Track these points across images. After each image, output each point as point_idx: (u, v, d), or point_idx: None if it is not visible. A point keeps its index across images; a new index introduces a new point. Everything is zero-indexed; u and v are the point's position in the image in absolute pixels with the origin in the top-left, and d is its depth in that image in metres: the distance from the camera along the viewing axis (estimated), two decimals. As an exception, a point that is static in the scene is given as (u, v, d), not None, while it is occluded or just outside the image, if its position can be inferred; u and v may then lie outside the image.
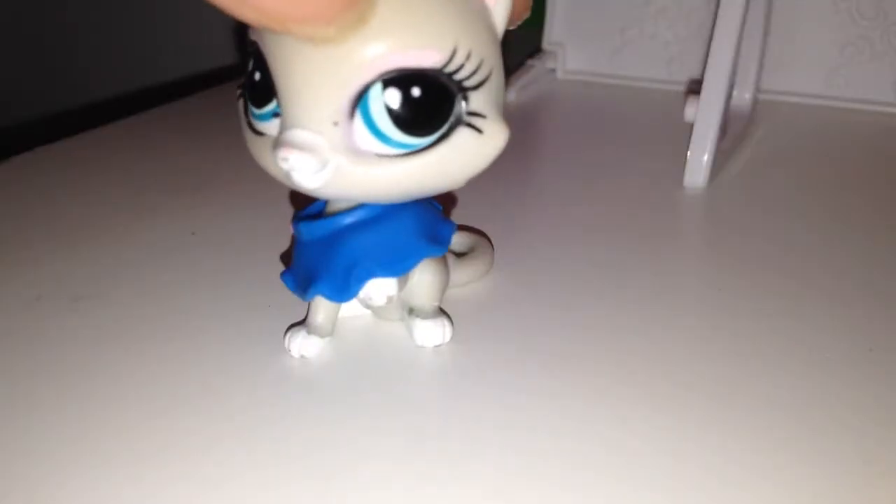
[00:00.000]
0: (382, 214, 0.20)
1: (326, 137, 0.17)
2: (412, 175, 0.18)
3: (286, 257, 0.27)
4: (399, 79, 0.16)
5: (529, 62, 0.47)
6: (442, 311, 0.22)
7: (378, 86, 0.16)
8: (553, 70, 0.48)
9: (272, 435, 0.19)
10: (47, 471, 0.18)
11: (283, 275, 0.22)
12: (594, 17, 0.47)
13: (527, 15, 0.19)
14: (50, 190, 0.33)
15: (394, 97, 0.17)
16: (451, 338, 0.22)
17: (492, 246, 0.26)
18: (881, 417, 0.19)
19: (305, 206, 0.22)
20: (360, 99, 0.17)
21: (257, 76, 0.18)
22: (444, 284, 0.22)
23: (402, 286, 0.21)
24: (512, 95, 0.45)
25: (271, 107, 0.18)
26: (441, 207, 0.23)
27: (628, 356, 0.22)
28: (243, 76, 0.19)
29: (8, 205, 0.32)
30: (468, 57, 0.17)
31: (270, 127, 0.18)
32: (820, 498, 0.17)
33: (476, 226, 0.28)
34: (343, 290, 0.20)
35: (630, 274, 0.26)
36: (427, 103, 0.17)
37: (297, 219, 0.21)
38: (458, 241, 0.27)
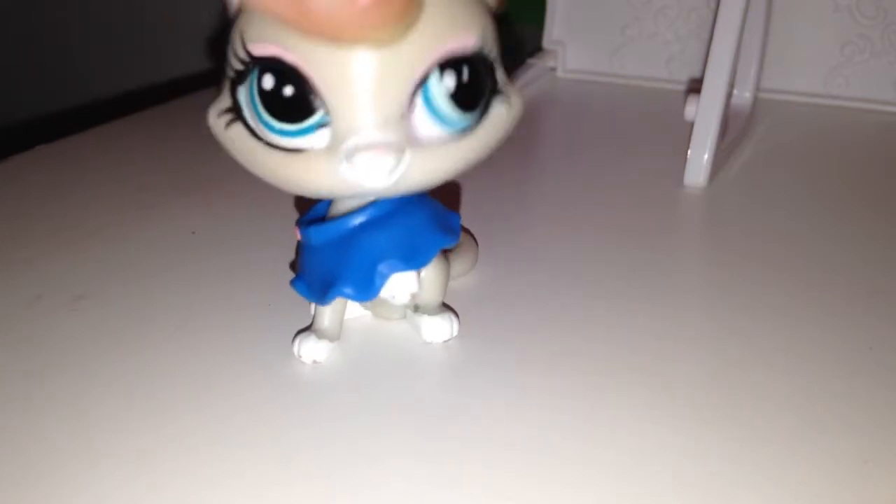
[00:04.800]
0: (396, 210, 0.20)
1: (397, 132, 0.17)
2: (464, 153, 0.19)
3: (294, 264, 0.26)
4: (452, 63, 0.18)
5: (530, 61, 0.47)
6: (447, 307, 0.23)
7: (436, 73, 0.17)
8: (553, 69, 0.48)
9: (269, 435, 0.19)
10: (47, 469, 0.18)
11: (293, 282, 0.22)
12: (594, 16, 0.47)
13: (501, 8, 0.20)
14: (50, 190, 0.33)
15: (451, 80, 0.18)
16: (458, 332, 0.22)
17: (475, 241, 0.27)
18: (881, 416, 0.19)
19: (304, 208, 0.22)
20: (420, 88, 0.17)
21: (287, 91, 0.17)
22: (447, 280, 0.23)
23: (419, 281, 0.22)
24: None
25: (316, 118, 0.17)
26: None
27: (629, 355, 0.22)
28: (226, 100, 0.18)
29: (8, 205, 0.32)
30: (490, 36, 0.18)
31: (313, 140, 0.18)
32: (820, 497, 0.17)
33: (476, 226, 0.28)
34: (367, 288, 0.20)
35: (630, 272, 0.26)
36: (475, 81, 0.18)
37: (302, 224, 0.21)
38: None
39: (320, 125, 0.17)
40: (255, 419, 0.19)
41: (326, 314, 0.22)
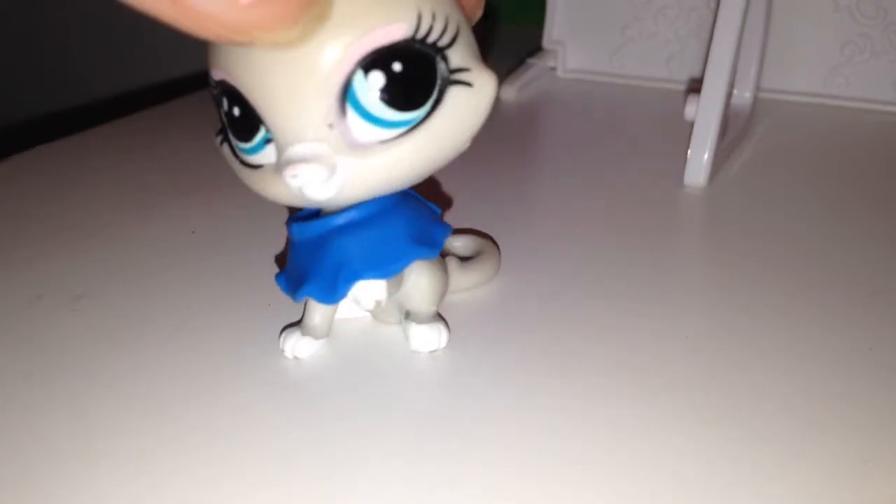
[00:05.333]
0: (373, 216, 0.20)
1: (327, 143, 0.17)
2: (420, 150, 0.17)
3: (281, 259, 0.27)
4: (377, 60, 0.16)
5: (530, 61, 0.47)
6: (439, 317, 0.22)
7: (359, 73, 0.16)
8: (553, 69, 0.48)
9: (269, 435, 0.19)
10: (47, 469, 0.18)
11: (277, 276, 0.22)
12: (594, 16, 0.47)
13: (479, 13, 0.19)
14: (50, 190, 0.33)
15: (378, 79, 0.17)
16: (448, 342, 0.22)
17: (498, 250, 0.26)
18: (881, 416, 0.19)
19: (301, 208, 0.22)
20: (346, 92, 0.16)
21: (236, 111, 0.18)
22: (442, 289, 0.22)
23: (394, 289, 0.21)
24: (512, 94, 0.45)
25: (261, 135, 0.18)
26: (439, 211, 0.22)
27: (629, 355, 0.22)
28: (218, 121, 0.19)
29: (8, 204, 0.32)
30: (434, 18, 0.17)
31: (265, 156, 0.18)
32: (820, 497, 0.17)
33: (475, 226, 0.28)
34: (331, 292, 0.20)
35: (630, 272, 0.26)
36: (411, 74, 0.17)
37: (290, 220, 0.21)
38: (465, 244, 0.26)
39: (266, 141, 0.18)
40: (255, 419, 0.19)
41: (316, 312, 0.22)
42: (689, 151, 0.33)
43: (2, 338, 0.23)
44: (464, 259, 0.25)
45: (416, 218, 0.21)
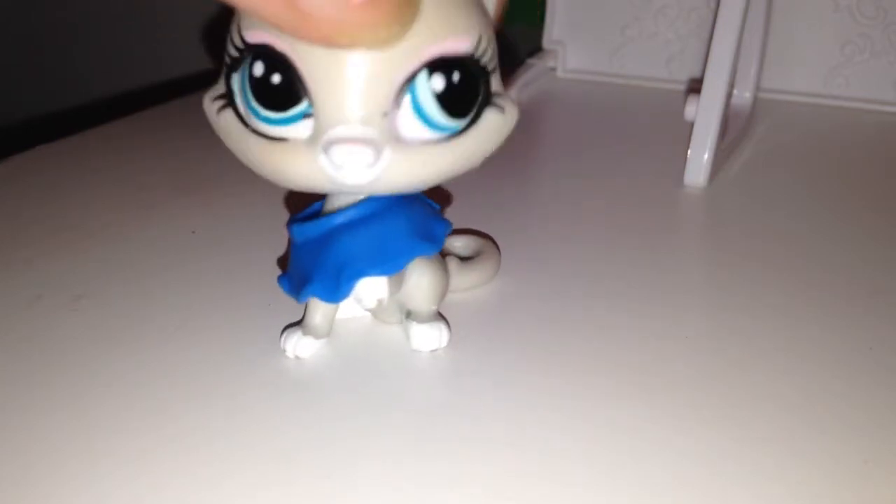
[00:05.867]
0: (373, 214, 0.20)
1: (378, 129, 0.17)
2: (454, 157, 0.18)
3: (282, 261, 0.27)
4: (442, 65, 0.17)
5: (530, 61, 0.47)
6: (440, 316, 0.22)
7: (424, 73, 0.17)
8: (553, 69, 0.48)
9: (269, 434, 0.19)
10: (47, 469, 0.18)
11: (279, 278, 0.22)
12: (594, 16, 0.47)
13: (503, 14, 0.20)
14: (50, 189, 0.33)
15: (438, 82, 0.17)
16: (449, 342, 0.22)
17: (498, 250, 0.26)
18: (881, 416, 0.19)
19: (302, 208, 0.22)
20: (407, 87, 0.17)
21: (276, 78, 0.17)
22: (443, 288, 0.22)
23: (396, 288, 0.21)
24: (512, 94, 0.44)
25: (301, 107, 0.17)
26: (438, 207, 0.22)
27: (629, 354, 0.22)
28: (222, 86, 0.19)
29: (8, 204, 0.32)
30: (488, 43, 0.18)
31: (297, 130, 0.18)
32: (820, 497, 0.17)
33: (474, 226, 0.28)
34: (335, 291, 0.20)
35: (630, 272, 0.26)
36: (466, 86, 0.18)
37: (291, 221, 0.21)
38: (465, 244, 0.26)
39: (304, 115, 0.17)
40: (255, 419, 0.19)
41: (317, 311, 0.22)
42: (689, 151, 0.33)
43: (2, 338, 0.23)
44: (464, 259, 0.25)
45: (417, 214, 0.21)
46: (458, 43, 0.17)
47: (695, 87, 0.36)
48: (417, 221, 0.21)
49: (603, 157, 0.37)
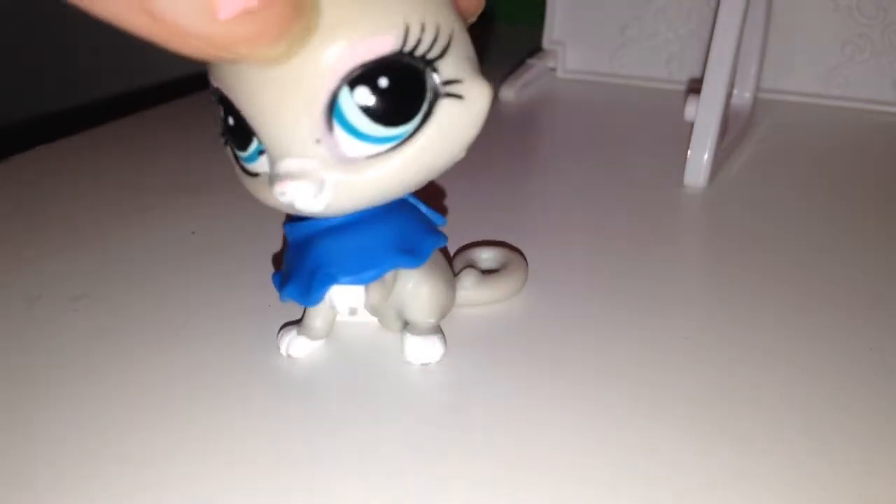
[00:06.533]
0: (358, 221, 0.19)
1: (315, 158, 0.17)
2: (409, 164, 0.17)
3: (277, 258, 0.27)
4: (363, 75, 0.16)
5: (529, 61, 0.47)
6: (438, 329, 0.22)
7: (345, 89, 0.16)
8: (553, 69, 0.48)
9: (274, 436, 0.19)
10: (46, 469, 0.18)
11: (273, 275, 0.22)
12: (594, 16, 0.47)
13: (477, 12, 0.19)
14: (50, 190, 0.33)
15: (364, 95, 0.16)
16: (445, 354, 0.22)
17: (526, 264, 0.25)
18: (881, 417, 0.19)
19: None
20: (332, 108, 0.16)
21: (231, 120, 0.17)
22: (443, 301, 0.22)
23: (381, 297, 0.20)
24: (512, 94, 0.45)
25: (254, 146, 0.18)
26: (441, 221, 0.22)
27: (627, 357, 0.22)
28: (220, 125, 0.19)
29: (8, 205, 0.32)
30: (423, 29, 0.16)
31: (261, 165, 0.18)
32: (820, 498, 0.17)
33: (474, 226, 0.28)
34: (307, 294, 0.20)
35: (629, 272, 0.26)
36: (398, 90, 0.16)
37: (286, 220, 0.21)
38: (489, 256, 0.26)
39: (260, 152, 0.18)
40: (254, 420, 0.19)
41: (312, 312, 0.22)
42: (689, 152, 0.33)
43: (2, 338, 0.23)
44: (489, 272, 0.25)
45: (404, 226, 0.20)
46: (378, 43, 0.16)
47: (695, 87, 0.36)
48: (403, 233, 0.20)
49: (603, 157, 0.37)
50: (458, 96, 0.17)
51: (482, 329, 0.23)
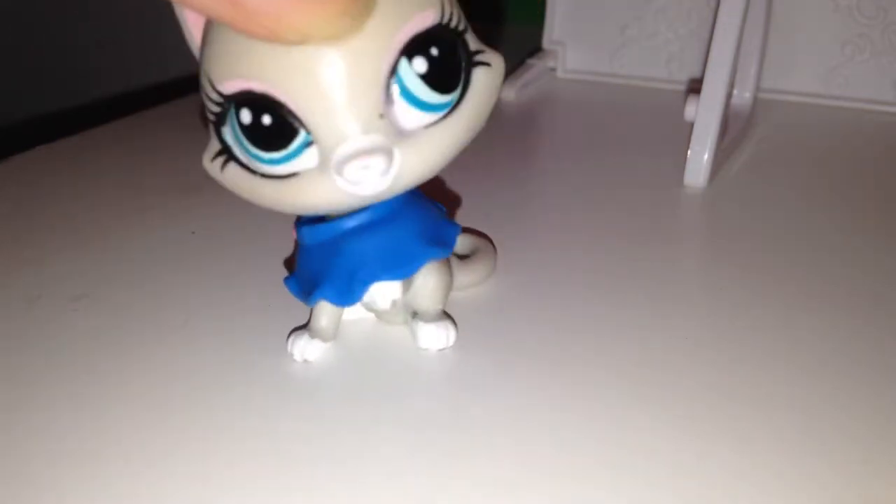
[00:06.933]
0: (384, 218, 0.20)
1: (381, 132, 0.17)
2: (458, 131, 0.18)
3: (289, 262, 0.27)
4: (417, 46, 0.17)
5: (529, 61, 0.47)
6: (446, 315, 0.22)
7: (404, 60, 0.17)
8: (553, 69, 0.48)
9: (274, 436, 0.19)
10: (46, 468, 0.18)
11: (286, 280, 0.22)
12: (594, 16, 0.47)
13: None
14: (49, 190, 0.33)
15: (421, 64, 0.17)
16: (455, 341, 0.22)
17: (494, 248, 0.26)
18: (881, 417, 0.19)
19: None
20: (392, 80, 0.17)
21: (266, 120, 0.17)
22: (448, 288, 0.22)
23: (406, 289, 0.21)
24: (512, 94, 0.45)
25: (300, 140, 0.17)
26: (445, 210, 0.22)
27: (628, 354, 0.22)
28: (216, 143, 0.18)
29: (8, 205, 0.32)
30: (452, 5, 0.18)
31: (303, 161, 0.17)
32: (820, 497, 0.17)
33: (474, 226, 0.28)
34: (347, 295, 0.20)
35: (629, 272, 0.26)
36: (447, 57, 0.18)
37: (299, 223, 0.21)
38: (461, 243, 0.26)
39: (306, 145, 0.17)
40: (254, 420, 0.19)
41: (323, 314, 0.22)
42: (689, 152, 0.33)
43: (2, 338, 0.23)
44: (460, 257, 0.25)
45: (427, 218, 0.21)
46: (425, 17, 0.17)
47: (695, 87, 0.36)
48: (428, 225, 0.21)
49: (603, 157, 0.37)
50: (486, 64, 0.18)
51: (484, 327, 0.23)
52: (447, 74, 0.18)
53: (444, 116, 0.18)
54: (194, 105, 0.46)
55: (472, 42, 0.18)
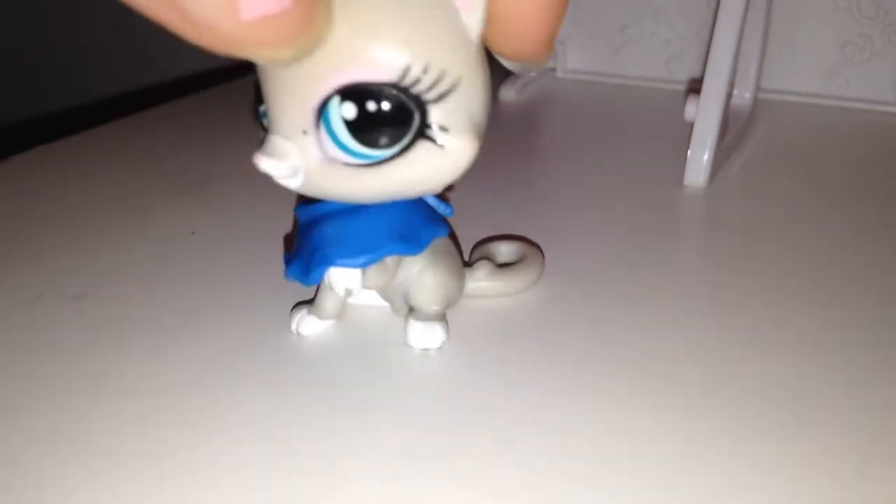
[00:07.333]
0: (361, 206, 0.20)
1: (298, 144, 0.18)
2: (375, 184, 0.18)
3: (288, 238, 0.27)
4: (353, 92, 0.17)
5: (529, 61, 0.47)
6: (440, 317, 0.22)
7: (336, 99, 0.17)
8: (553, 69, 0.48)
9: (275, 433, 0.19)
10: (46, 468, 0.18)
11: (285, 253, 0.23)
12: (594, 16, 0.47)
13: (543, 53, 0.18)
14: (49, 190, 0.33)
15: (349, 110, 0.17)
16: (448, 342, 0.22)
17: (542, 255, 0.26)
18: (883, 416, 0.19)
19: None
20: (322, 111, 0.17)
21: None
22: (450, 289, 0.22)
23: (381, 281, 0.21)
24: (512, 94, 0.45)
25: (263, 108, 0.19)
26: (449, 211, 0.22)
27: (628, 354, 0.22)
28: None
29: (8, 204, 0.32)
30: (425, 70, 0.16)
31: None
32: (820, 497, 0.17)
33: (473, 225, 0.28)
34: (306, 273, 0.21)
35: (629, 272, 0.26)
36: (382, 117, 0.17)
37: (298, 202, 0.22)
38: (505, 250, 0.26)
39: (264, 115, 0.19)
40: (255, 419, 0.19)
41: (323, 293, 0.22)
42: (689, 151, 0.33)
43: (2, 338, 0.23)
44: (505, 265, 0.25)
45: (406, 214, 0.21)
46: (378, 68, 0.16)
47: (695, 87, 0.36)
48: (402, 221, 0.21)
49: (603, 157, 0.37)
50: (439, 145, 0.17)
51: (487, 323, 0.23)
52: (376, 132, 0.17)
53: (368, 166, 0.18)
54: (194, 105, 0.46)
55: (442, 115, 0.17)
